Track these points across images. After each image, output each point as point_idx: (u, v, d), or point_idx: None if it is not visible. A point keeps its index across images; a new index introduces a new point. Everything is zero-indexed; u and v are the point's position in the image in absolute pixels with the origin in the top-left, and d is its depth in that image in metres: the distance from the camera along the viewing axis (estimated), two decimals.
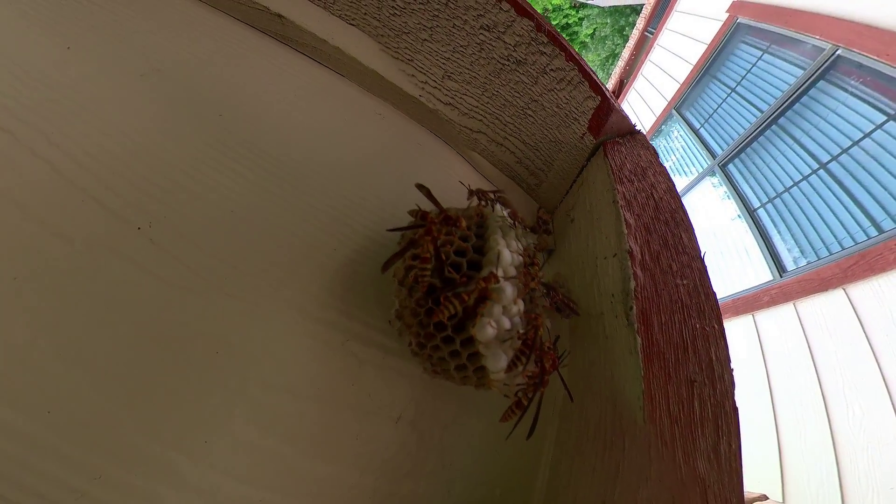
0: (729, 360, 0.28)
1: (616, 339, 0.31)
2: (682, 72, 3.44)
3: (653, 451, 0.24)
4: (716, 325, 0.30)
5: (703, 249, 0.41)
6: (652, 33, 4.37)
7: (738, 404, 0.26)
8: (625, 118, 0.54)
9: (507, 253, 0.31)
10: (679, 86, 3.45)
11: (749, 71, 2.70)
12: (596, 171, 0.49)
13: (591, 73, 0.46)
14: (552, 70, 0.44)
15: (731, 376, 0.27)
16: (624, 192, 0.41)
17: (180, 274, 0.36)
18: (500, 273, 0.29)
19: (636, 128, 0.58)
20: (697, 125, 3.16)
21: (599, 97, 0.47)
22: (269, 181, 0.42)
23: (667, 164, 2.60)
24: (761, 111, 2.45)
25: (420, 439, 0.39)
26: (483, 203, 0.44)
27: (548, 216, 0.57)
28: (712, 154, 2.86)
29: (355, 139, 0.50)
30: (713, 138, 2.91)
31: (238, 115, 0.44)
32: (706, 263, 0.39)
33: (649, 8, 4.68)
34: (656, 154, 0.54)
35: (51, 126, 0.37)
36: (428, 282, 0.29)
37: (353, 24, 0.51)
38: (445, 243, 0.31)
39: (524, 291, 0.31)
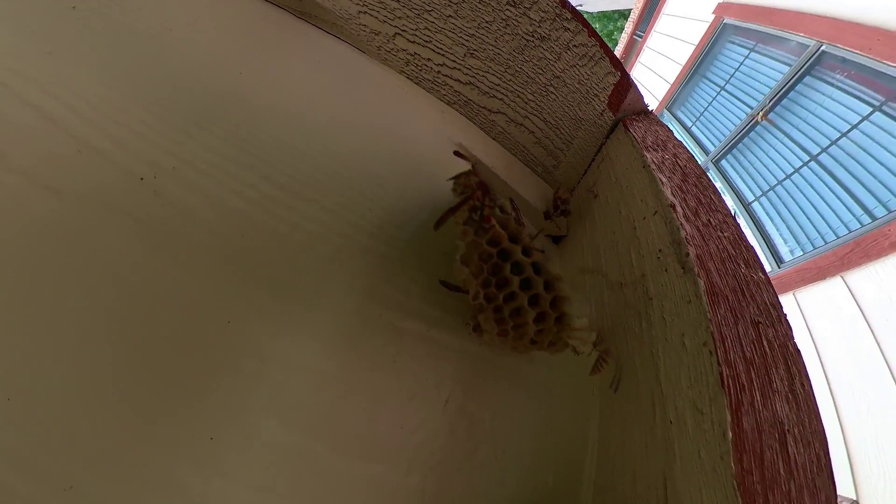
0: (781, 306, 0.28)
1: (666, 294, 0.31)
2: (672, 72, 3.51)
3: (731, 400, 0.22)
4: (762, 275, 0.30)
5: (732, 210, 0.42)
6: (641, 36, 4.47)
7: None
8: (640, 97, 0.54)
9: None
10: (670, 86, 3.52)
11: (737, 69, 2.77)
12: (618, 145, 0.50)
13: (610, 50, 0.47)
14: (575, 46, 0.45)
15: (787, 320, 0.27)
16: (653, 158, 0.41)
17: (187, 232, 0.30)
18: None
19: (649, 108, 0.59)
20: (689, 123, 3.22)
21: (619, 73, 0.47)
22: (290, 137, 0.40)
23: None
24: (751, 107, 2.51)
25: (471, 425, 0.34)
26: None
27: (568, 194, 0.57)
28: (705, 151, 2.92)
29: (380, 109, 0.49)
30: (705, 136, 2.97)
31: (257, 77, 0.43)
32: (738, 222, 0.39)
33: (637, 12, 4.79)
34: (670, 130, 0.55)
35: (46, 77, 0.34)
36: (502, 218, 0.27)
37: (364, 12, 0.52)
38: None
39: None
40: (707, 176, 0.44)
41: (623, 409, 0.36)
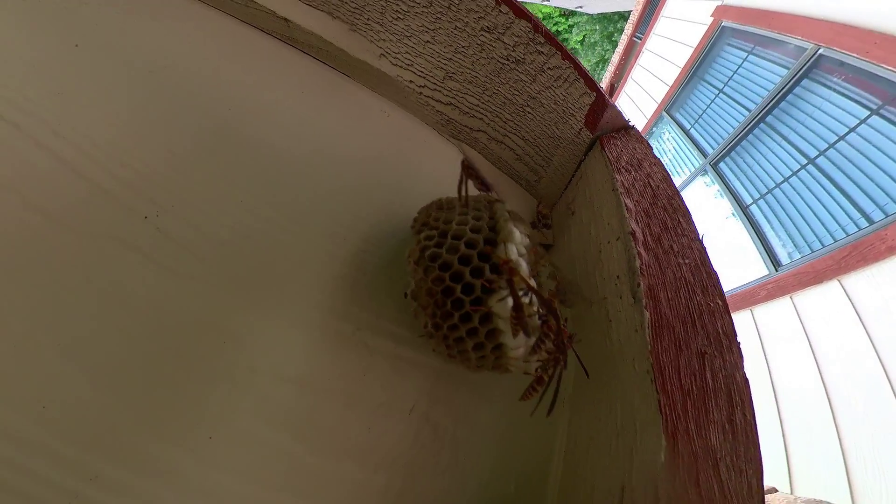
0: (735, 334, 0.29)
1: (621, 319, 0.32)
2: (671, 75, 3.52)
3: (668, 426, 0.24)
4: (720, 301, 0.31)
5: (701, 233, 0.43)
6: (640, 38, 4.48)
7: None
8: (619, 114, 0.56)
9: (517, 232, 0.32)
10: (668, 88, 3.53)
11: (735, 72, 2.77)
12: (594, 164, 0.51)
13: (586, 71, 0.48)
14: (549, 68, 0.46)
15: (739, 349, 0.28)
16: (622, 181, 0.43)
17: (186, 263, 0.35)
18: (513, 250, 0.30)
19: (630, 123, 0.61)
20: (688, 126, 3.22)
21: (594, 93, 0.49)
22: (276, 172, 0.42)
23: None
24: (749, 110, 2.51)
25: (434, 432, 0.38)
26: (485, 189, 0.45)
27: (547, 210, 0.59)
28: (703, 153, 2.92)
29: (362, 135, 0.51)
30: (704, 138, 2.97)
31: (245, 111, 0.45)
32: (705, 246, 0.40)
33: (637, 14, 4.79)
34: (650, 147, 0.57)
35: (56, 118, 0.37)
36: (444, 259, 0.30)
37: (355, 31, 0.53)
38: (461, 222, 0.32)
39: (534, 270, 0.32)
40: (679, 197, 0.46)
41: (590, 420, 0.37)
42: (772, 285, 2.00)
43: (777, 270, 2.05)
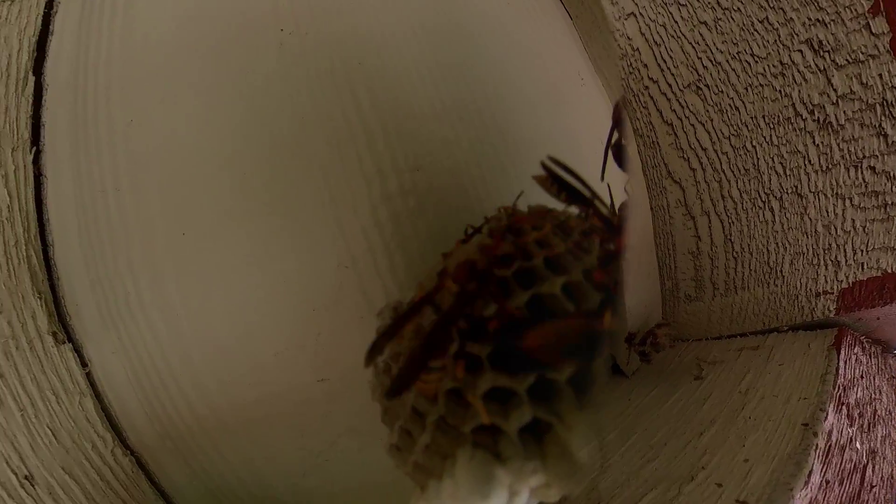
0: None
1: None
2: None
3: None
4: None
5: None
6: None
7: None
8: None
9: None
10: None
11: None
12: (796, 354, 0.29)
13: None
14: (874, 169, 0.25)
15: None
16: (831, 431, 0.22)
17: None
18: None
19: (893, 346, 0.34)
20: None
21: None
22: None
23: None
24: None
25: (329, 401, 0.30)
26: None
27: (666, 342, 0.39)
28: None
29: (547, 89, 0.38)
30: None
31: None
32: None
33: None
34: None
35: None
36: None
37: None
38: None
39: None
40: None
41: None
42: None
43: None
